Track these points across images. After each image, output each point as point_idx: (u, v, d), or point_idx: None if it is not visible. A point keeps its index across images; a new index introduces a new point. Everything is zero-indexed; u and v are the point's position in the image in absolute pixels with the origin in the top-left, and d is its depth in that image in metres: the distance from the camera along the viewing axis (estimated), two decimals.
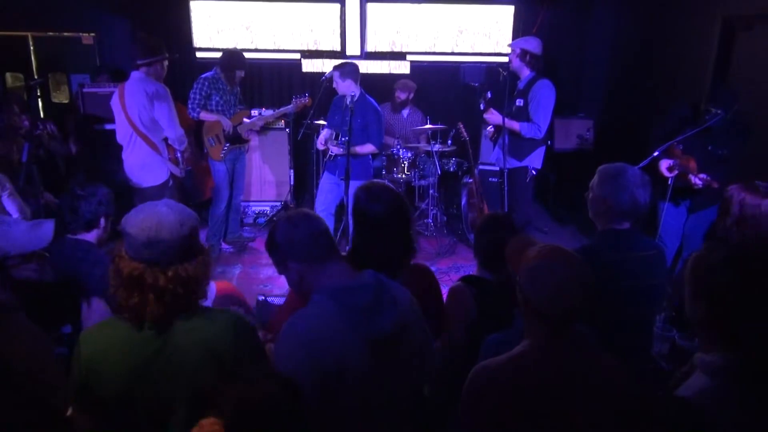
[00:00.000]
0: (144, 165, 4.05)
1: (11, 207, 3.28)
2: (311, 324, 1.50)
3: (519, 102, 4.33)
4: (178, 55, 4.86)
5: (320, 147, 4.89)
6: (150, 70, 3.98)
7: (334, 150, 4.59)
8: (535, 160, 4.40)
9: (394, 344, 1.55)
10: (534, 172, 4.43)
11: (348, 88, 4.40)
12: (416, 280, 1.96)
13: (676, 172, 3.63)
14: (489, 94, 4.54)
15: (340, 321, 1.49)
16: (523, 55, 4.25)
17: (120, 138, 4.08)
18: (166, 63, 4.14)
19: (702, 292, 1.32)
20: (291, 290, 1.88)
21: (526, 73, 4.31)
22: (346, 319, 1.49)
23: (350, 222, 4.44)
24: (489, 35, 6.00)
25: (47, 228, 1.90)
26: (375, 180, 2.15)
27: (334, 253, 1.64)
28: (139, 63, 3.96)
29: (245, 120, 4.98)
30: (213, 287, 2.39)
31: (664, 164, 3.66)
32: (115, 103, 4.01)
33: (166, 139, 4.14)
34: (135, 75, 3.97)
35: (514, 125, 4.25)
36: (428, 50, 6.07)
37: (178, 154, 4.15)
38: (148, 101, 3.88)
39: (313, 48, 6.05)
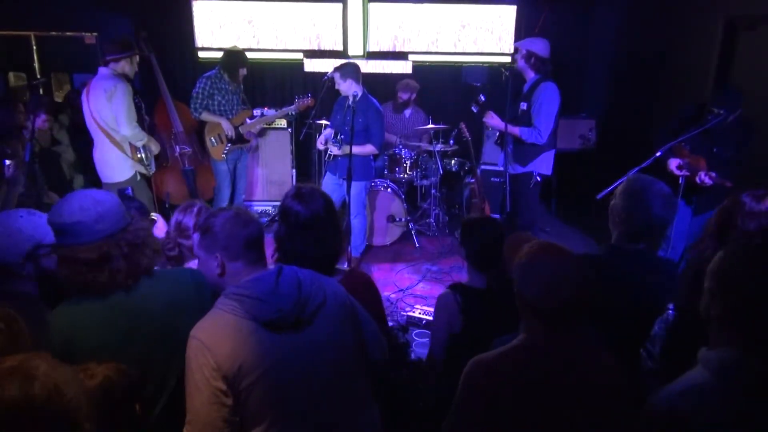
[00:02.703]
0: (107, 161, 4.12)
1: None
2: (208, 330, 1.53)
3: (523, 105, 4.15)
4: (152, 52, 4.92)
5: (320, 147, 4.88)
6: (117, 66, 4.03)
7: (333, 150, 4.59)
8: (540, 166, 4.18)
9: (301, 323, 1.57)
10: (539, 179, 4.19)
11: (349, 88, 4.39)
12: (350, 286, 1.94)
13: (685, 171, 3.59)
14: (482, 98, 4.35)
15: (236, 316, 1.52)
16: (528, 57, 4.08)
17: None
18: (136, 59, 4.18)
19: (722, 288, 1.29)
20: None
21: (530, 75, 4.14)
22: (242, 312, 1.52)
23: (351, 222, 4.47)
24: (492, 30, 5.97)
25: None
26: (304, 184, 2.13)
27: (260, 260, 1.70)
28: (107, 59, 4.03)
29: (247, 120, 4.98)
30: None
31: (673, 163, 3.62)
32: (83, 99, 4.08)
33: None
34: (101, 71, 4.04)
35: (515, 130, 4.09)
36: (430, 48, 6.05)
37: (140, 152, 4.15)
38: (106, 99, 3.93)
39: (315, 48, 6.05)
